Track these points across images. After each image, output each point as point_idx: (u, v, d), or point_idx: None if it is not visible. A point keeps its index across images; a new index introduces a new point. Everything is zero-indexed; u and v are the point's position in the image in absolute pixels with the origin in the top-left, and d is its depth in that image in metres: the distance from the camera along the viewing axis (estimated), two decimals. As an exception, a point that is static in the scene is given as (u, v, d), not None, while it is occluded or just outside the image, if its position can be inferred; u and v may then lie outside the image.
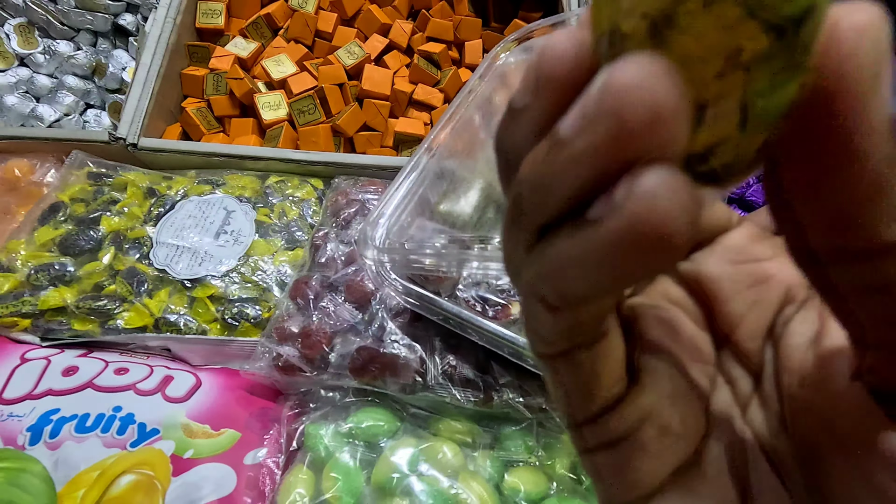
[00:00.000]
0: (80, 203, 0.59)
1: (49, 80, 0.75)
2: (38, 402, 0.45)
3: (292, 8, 0.78)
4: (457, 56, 0.79)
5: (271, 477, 0.44)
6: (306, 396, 0.49)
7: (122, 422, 0.44)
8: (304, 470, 0.43)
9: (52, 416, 0.44)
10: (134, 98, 0.67)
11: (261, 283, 0.55)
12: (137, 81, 0.68)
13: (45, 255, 0.54)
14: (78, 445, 0.43)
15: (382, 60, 0.77)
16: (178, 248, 0.56)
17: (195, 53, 0.76)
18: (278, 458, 0.45)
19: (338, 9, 0.78)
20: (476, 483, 0.43)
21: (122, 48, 0.81)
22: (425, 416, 0.48)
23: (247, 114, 0.75)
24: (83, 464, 0.42)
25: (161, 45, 0.71)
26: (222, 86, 0.73)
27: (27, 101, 0.73)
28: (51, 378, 0.46)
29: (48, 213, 0.57)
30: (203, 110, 0.73)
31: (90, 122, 0.76)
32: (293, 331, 0.50)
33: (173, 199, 0.60)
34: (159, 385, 0.47)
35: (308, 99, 0.71)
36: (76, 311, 0.51)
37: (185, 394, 0.47)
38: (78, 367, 0.47)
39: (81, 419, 0.44)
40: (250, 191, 0.63)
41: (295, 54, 0.75)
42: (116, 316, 0.51)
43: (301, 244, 0.59)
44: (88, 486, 0.41)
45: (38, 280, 0.52)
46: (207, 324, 0.53)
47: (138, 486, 0.41)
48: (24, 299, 0.50)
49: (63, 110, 0.74)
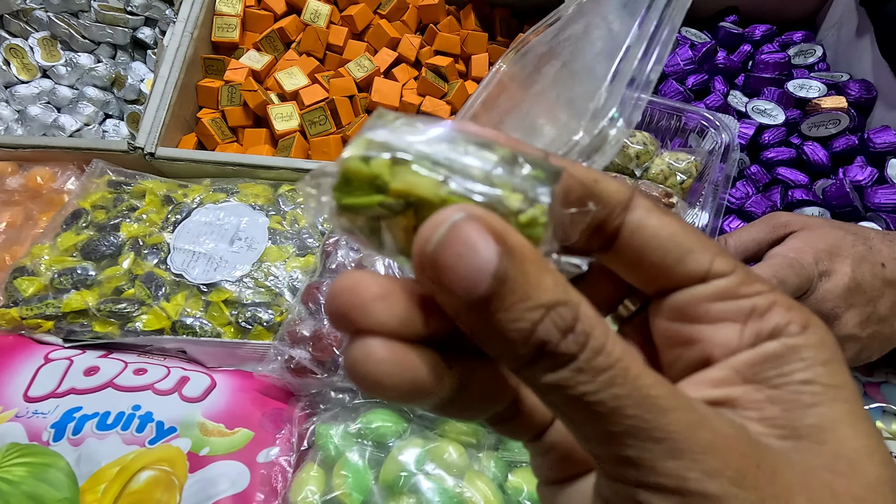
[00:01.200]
0: (101, 210, 0.61)
1: (70, 92, 0.78)
2: (61, 400, 0.47)
3: (304, 22, 0.81)
4: (464, 69, 0.82)
5: (283, 475, 0.46)
6: (317, 398, 0.51)
7: (141, 420, 0.46)
8: (315, 468, 0.45)
9: (74, 413, 0.46)
10: (152, 109, 0.69)
11: (273, 288, 0.57)
12: (155, 93, 0.71)
13: (68, 259, 0.56)
14: (99, 442, 0.44)
15: (391, 73, 0.79)
16: (194, 253, 0.58)
17: (211, 66, 0.78)
18: (290, 456, 0.47)
19: (348, 23, 0.81)
20: (481, 482, 0.44)
21: (140, 61, 0.84)
22: (432, 418, 0.49)
23: (260, 124, 0.77)
24: (104, 460, 0.43)
25: (178, 58, 0.73)
26: (236, 97, 0.76)
27: (49, 112, 0.76)
28: (73, 377, 0.48)
29: (70, 220, 0.59)
30: (218, 121, 0.76)
31: (109, 131, 0.78)
32: (305, 334, 0.52)
33: (189, 206, 0.62)
34: (176, 385, 0.49)
35: (319, 110, 0.74)
36: (97, 313, 0.53)
37: (201, 394, 0.49)
38: (99, 368, 0.49)
39: (103, 417, 0.46)
40: (263, 199, 0.65)
41: (307, 67, 0.78)
42: (135, 318, 0.53)
43: (312, 251, 0.61)
44: (109, 480, 0.43)
45: (61, 283, 0.54)
46: (222, 327, 0.55)
47: (157, 481, 0.43)
48: (47, 302, 0.52)
49: (83, 120, 0.77)
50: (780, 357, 0.16)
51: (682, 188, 0.57)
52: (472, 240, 0.13)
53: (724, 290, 0.17)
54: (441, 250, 0.14)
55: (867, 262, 0.43)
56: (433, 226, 0.14)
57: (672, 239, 0.17)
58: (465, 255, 0.13)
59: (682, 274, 0.17)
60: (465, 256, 0.13)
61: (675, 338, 0.18)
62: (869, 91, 0.74)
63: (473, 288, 0.13)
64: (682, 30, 0.86)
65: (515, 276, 0.14)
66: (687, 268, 0.17)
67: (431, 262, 0.14)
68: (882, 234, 0.47)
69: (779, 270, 0.42)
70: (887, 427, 0.52)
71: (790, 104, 0.75)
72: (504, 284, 0.13)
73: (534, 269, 0.14)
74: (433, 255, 0.14)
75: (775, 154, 0.70)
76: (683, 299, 0.18)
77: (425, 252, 0.14)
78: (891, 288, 0.43)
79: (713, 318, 0.17)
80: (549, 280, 0.14)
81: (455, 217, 0.14)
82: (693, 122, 0.62)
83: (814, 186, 0.68)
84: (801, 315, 0.17)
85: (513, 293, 0.14)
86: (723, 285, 0.17)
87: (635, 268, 0.18)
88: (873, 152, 0.68)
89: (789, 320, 0.17)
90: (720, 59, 0.79)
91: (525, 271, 0.14)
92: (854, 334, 0.43)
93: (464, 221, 0.14)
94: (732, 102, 0.76)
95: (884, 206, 0.63)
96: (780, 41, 0.85)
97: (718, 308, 0.17)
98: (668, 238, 0.17)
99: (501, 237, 0.14)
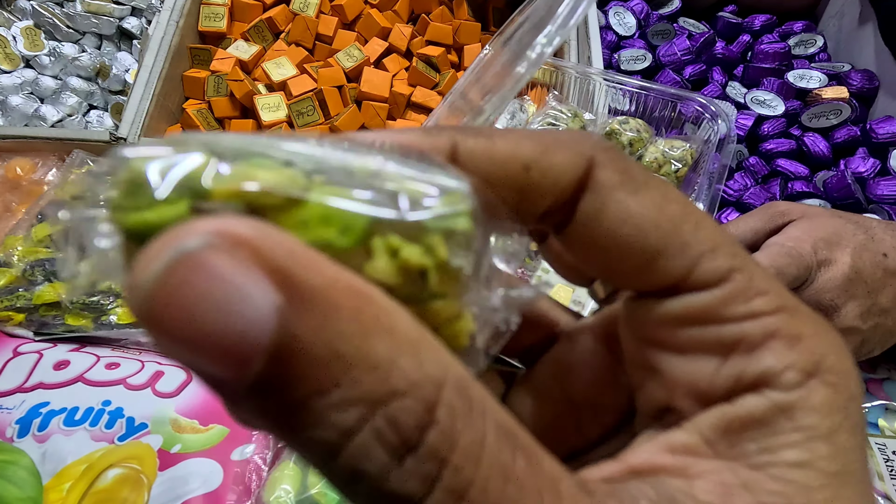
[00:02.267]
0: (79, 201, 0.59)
1: (53, 82, 0.76)
2: (28, 395, 0.45)
3: (293, 12, 0.79)
4: (456, 60, 0.80)
5: (258, 473, 0.44)
6: (296, 393, 0.49)
7: (110, 416, 0.44)
8: (291, 466, 0.43)
9: (41, 409, 0.44)
10: (136, 99, 0.68)
11: (254, 281, 0.55)
12: (139, 83, 0.69)
13: (42, 250, 0.54)
14: (66, 438, 0.43)
15: (382, 63, 0.77)
16: (173, 245, 0.56)
17: (197, 56, 0.77)
18: (265, 454, 0.45)
19: (338, 13, 0.79)
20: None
21: (126, 51, 0.82)
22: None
23: (247, 115, 0.76)
24: (70, 457, 0.42)
25: (163, 48, 0.71)
26: (223, 88, 0.74)
27: (31, 102, 0.74)
28: (42, 372, 0.47)
29: (46, 210, 0.58)
30: (204, 111, 0.74)
31: (93, 122, 0.77)
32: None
33: (170, 197, 0.60)
34: (150, 380, 0.47)
35: (307, 101, 0.72)
36: (70, 306, 0.51)
37: (175, 389, 0.47)
38: (69, 362, 0.48)
39: (70, 412, 0.44)
40: (247, 190, 0.63)
41: (295, 57, 0.76)
42: (110, 311, 0.51)
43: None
44: (75, 479, 0.41)
45: (33, 275, 0.52)
46: (200, 320, 0.53)
47: (125, 479, 0.41)
48: (18, 294, 0.51)
49: (66, 111, 0.75)
50: (766, 425, 0.11)
51: (676, 177, 0.55)
52: (221, 284, 0.08)
53: (699, 309, 0.12)
54: (163, 305, 0.08)
55: (868, 252, 0.41)
56: (149, 260, 0.08)
57: (636, 234, 0.12)
58: (208, 313, 0.08)
59: (648, 282, 0.12)
60: (207, 317, 0.08)
61: (637, 360, 0.14)
62: (871, 81, 0.72)
63: (236, 369, 0.08)
64: (680, 19, 0.84)
65: (311, 348, 0.08)
66: (653, 275, 0.12)
67: (156, 319, 0.08)
68: (884, 224, 0.45)
69: (776, 260, 0.40)
70: (889, 426, 0.50)
71: (790, 95, 0.73)
72: (287, 366, 0.08)
73: (351, 329, 0.08)
74: (154, 312, 0.08)
75: (775, 145, 0.68)
76: (646, 316, 0.13)
77: (139, 307, 0.08)
78: (893, 278, 0.41)
79: (681, 346, 0.12)
80: (381, 346, 0.08)
81: (186, 244, 0.08)
82: (689, 110, 0.60)
83: (814, 178, 0.66)
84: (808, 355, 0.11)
85: (303, 382, 0.08)
86: (699, 303, 0.12)
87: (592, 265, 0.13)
88: (875, 143, 0.66)
89: (788, 364, 0.11)
90: (719, 49, 0.77)
91: (331, 336, 0.08)
92: (855, 326, 0.41)
93: (206, 251, 0.08)
94: (731, 93, 0.74)
95: (886, 197, 0.61)
96: (780, 31, 0.83)
97: (689, 335, 0.12)
98: (632, 233, 0.12)
99: (284, 274, 0.08)
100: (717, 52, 0.77)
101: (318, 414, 0.08)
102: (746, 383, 0.12)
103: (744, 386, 0.12)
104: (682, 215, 0.12)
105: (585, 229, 0.12)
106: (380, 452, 0.08)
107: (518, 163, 0.12)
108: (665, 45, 0.77)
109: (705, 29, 0.82)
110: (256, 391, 0.08)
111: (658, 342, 0.13)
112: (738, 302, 0.12)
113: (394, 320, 0.09)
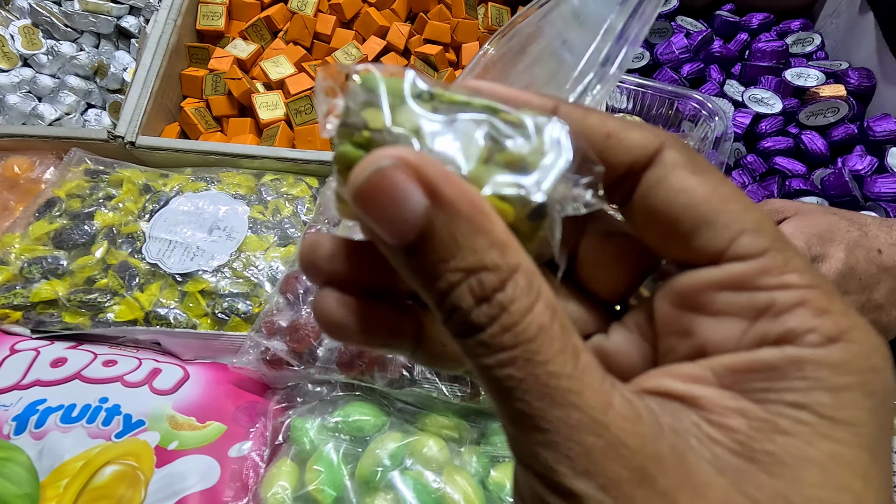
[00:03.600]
0: (76, 199, 0.59)
1: (51, 81, 0.76)
2: (25, 392, 0.45)
3: (292, 10, 0.79)
4: (454, 58, 0.80)
5: (255, 469, 0.44)
6: (294, 391, 0.49)
7: (107, 413, 0.44)
8: (288, 463, 0.43)
9: (38, 406, 0.44)
10: (133, 97, 0.68)
11: (252, 279, 0.55)
12: (137, 81, 0.69)
13: (39, 248, 0.54)
14: (63, 436, 0.43)
15: (380, 62, 0.77)
16: (170, 242, 0.56)
17: (195, 54, 0.77)
18: (263, 451, 0.45)
19: (337, 12, 0.79)
20: (461, 478, 0.42)
21: (124, 50, 0.82)
22: (413, 412, 0.48)
23: (245, 114, 0.76)
24: (67, 454, 0.42)
25: (161, 46, 0.71)
26: (221, 86, 0.74)
27: (29, 101, 0.74)
28: (39, 369, 0.47)
29: (44, 208, 0.58)
30: (202, 110, 0.74)
31: (91, 121, 0.77)
32: (282, 325, 0.50)
33: (168, 195, 0.60)
34: (147, 377, 0.47)
35: (305, 99, 0.72)
36: (67, 303, 0.51)
37: (173, 386, 0.47)
38: (67, 359, 0.48)
39: (67, 410, 0.44)
40: (245, 188, 0.63)
41: (293, 56, 0.76)
42: (107, 309, 0.51)
43: (294, 241, 0.59)
44: (72, 476, 0.41)
45: (30, 273, 0.52)
46: (198, 318, 0.53)
47: (121, 476, 0.41)
48: (15, 291, 0.51)
49: (64, 109, 0.75)
50: (775, 370, 0.13)
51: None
52: (397, 188, 0.13)
53: (736, 277, 0.14)
54: (366, 196, 0.13)
55: (862, 248, 0.41)
56: (361, 169, 0.13)
57: (690, 205, 0.14)
58: (389, 204, 0.13)
59: (693, 250, 0.14)
60: (389, 206, 0.13)
61: (671, 325, 0.15)
62: (869, 79, 0.72)
63: (400, 238, 0.13)
64: (678, 18, 0.84)
65: (441, 233, 0.13)
66: (698, 243, 0.14)
67: (361, 203, 0.13)
68: (879, 221, 0.45)
69: None
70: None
71: (788, 93, 0.73)
72: (427, 241, 0.13)
73: (465, 227, 0.13)
74: (360, 199, 0.13)
75: (772, 143, 0.68)
76: (687, 283, 0.15)
77: (353, 196, 0.13)
78: (888, 274, 0.41)
79: (716, 310, 0.14)
80: (482, 241, 0.13)
81: (382, 163, 0.13)
82: (687, 108, 0.60)
83: (812, 176, 0.66)
84: (835, 325, 0.13)
85: (435, 252, 0.13)
86: (736, 271, 0.14)
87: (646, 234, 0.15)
88: (873, 141, 0.66)
89: (813, 327, 0.13)
90: (716, 47, 0.77)
91: (454, 229, 0.13)
92: None
93: (391, 168, 0.13)
94: (729, 91, 0.74)
95: (884, 195, 0.61)
96: (778, 30, 0.83)
97: (724, 299, 0.14)
98: (686, 203, 0.14)
99: (433, 188, 0.13)
100: (714, 51, 0.77)
101: (440, 272, 0.13)
102: (770, 340, 0.13)
103: (766, 342, 0.13)
104: (734, 197, 0.14)
105: (645, 199, 0.15)
106: (468, 298, 0.13)
107: (603, 131, 0.15)
108: (663, 43, 0.77)
109: (703, 27, 0.82)
110: (408, 252, 0.13)
111: (694, 306, 0.15)
112: (773, 274, 0.13)
113: (493, 226, 0.13)
